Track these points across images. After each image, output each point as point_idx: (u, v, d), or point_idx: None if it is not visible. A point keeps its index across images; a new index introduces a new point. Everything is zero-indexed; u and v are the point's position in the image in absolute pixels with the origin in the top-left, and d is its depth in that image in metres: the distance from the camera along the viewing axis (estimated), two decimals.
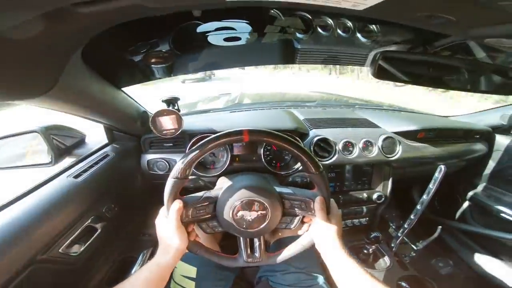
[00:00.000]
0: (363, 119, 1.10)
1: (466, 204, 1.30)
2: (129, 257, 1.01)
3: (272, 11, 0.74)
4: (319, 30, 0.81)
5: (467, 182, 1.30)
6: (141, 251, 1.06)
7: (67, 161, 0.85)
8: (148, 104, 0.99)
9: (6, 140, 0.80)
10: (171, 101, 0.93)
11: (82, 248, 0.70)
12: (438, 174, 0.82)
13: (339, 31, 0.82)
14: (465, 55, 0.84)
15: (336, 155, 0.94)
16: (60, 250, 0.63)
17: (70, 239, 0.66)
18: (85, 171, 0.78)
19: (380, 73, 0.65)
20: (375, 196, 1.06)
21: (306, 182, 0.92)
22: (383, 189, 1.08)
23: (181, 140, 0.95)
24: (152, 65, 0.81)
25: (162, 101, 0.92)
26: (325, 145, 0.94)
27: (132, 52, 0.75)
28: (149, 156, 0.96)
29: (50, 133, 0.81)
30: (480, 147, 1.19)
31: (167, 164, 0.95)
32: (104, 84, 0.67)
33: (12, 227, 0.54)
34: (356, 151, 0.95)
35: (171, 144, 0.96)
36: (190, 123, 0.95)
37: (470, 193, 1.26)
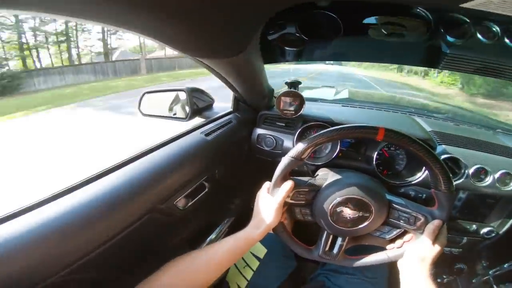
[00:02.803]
0: (507, 147, 0.92)
1: None
2: (214, 221, 1.07)
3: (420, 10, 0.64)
4: (479, 36, 0.69)
5: None
6: (225, 218, 1.11)
7: (197, 120, 0.98)
8: None
9: (159, 94, 0.96)
10: (293, 84, 0.95)
11: (189, 204, 0.73)
12: None
13: (506, 40, 0.67)
14: None
15: (463, 179, 0.84)
16: (174, 202, 0.66)
17: (185, 193, 0.70)
18: (214, 131, 0.86)
19: None
20: (485, 230, 0.94)
21: (420, 197, 0.86)
22: (498, 225, 0.94)
23: (293, 122, 0.98)
24: (289, 47, 0.82)
25: (285, 83, 0.94)
26: (452, 165, 0.84)
27: (280, 32, 0.77)
28: (260, 131, 1.02)
29: (192, 94, 0.93)
30: None
31: (274, 141, 1.00)
32: (261, 58, 0.70)
33: (150, 173, 0.59)
34: (489, 181, 0.83)
35: (283, 124, 1.00)
36: (306, 109, 0.96)
37: None
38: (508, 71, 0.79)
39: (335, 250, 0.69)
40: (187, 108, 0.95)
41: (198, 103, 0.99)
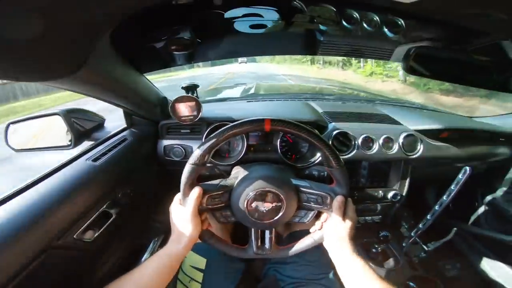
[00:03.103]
0: (384, 115, 1.06)
1: (482, 208, 1.27)
2: (140, 244, 1.02)
3: (296, 2, 0.71)
4: (344, 23, 0.79)
5: (486, 185, 1.26)
6: (152, 238, 1.06)
7: (86, 144, 0.86)
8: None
9: (29, 122, 0.81)
10: (190, 88, 0.92)
11: (96, 234, 0.68)
12: (462, 176, 0.80)
13: (365, 25, 0.79)
14: (504, 55, 0.79)
15: (355, 150, 0.92)
16: (74, 236, 0.62)
17: (85, 224, 0.65)
18: (103, 154, 0.78)
19: (413, 69, 0.63)
20: (390, 194, 1.04)
21: (323, 176, 0.90)
22: (399, 187, 1.06)
23: (198, 127, 0.95)
24: (173, 52, 0.80)
25: (182, 87, 0.91)
26: (344, 139, 0.92)
27: (154, 38, 0.74)
28: (166, 142, 0.96)
29: (71, 116, 0.81)
30: (504, 150, 1.14)
31: (183, 150, 0.95)
32: (128, 69, 0.67)
33: (31, 211, 0.54)
34: (375, 147, 0.93)
35: (188, 131, 0.96)
36: (208, 111, 0.94)
37: (488, 197, 1.23)
38: (370, 51, 0.92)
39: (267, 244, 0.68)
40: (70, 134, 0.82)
41: (85, 124, 0.87)
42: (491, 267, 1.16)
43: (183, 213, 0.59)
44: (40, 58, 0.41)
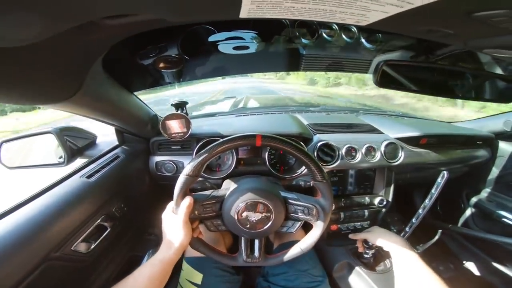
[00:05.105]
0: (366, 125, 1.11)
1: (468, 209, 1.31)
2: (136, 256, 1.03)
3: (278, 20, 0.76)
4: (325, 36, 0.84)
5: (470, 187, 1.31)
6: (147, 250, 1.08)
7: (79, 161, 0.89)
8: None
9: (21, 141, 0.84)
10: (180, 105, 0.95)
11: (93, 246, 0.72)
12: (441, 180, 0.84)
13: (344, 37, 0.84)
14: (468, 63, 0.86)
15: (339, 160, 0.96)
16: (72, 248, 0.65)
17: (82, 237, 0.68)
18: (97, 171, 0.81)
19: (383, 82, 0.67)
20: (377, 200, 1.08)
21: (309, 186, 0.93)
22: (385, 193, 1.10)
23: (188, 143, 0.98)
24: (162, 70, 0.85)
25: (171, 105, 0.95)
26: (328, 150, 0.96)
27: (142, 57, 0.79)
28: (157, 158, 0.99)
29: (64, 134, 0.84)
30: (482, 153, 1.20)
31: (174, 166, 0.98)
32: (119, 89, 0.70)
33: (28, 225, 0.56)
34: (358, 156, 0.97)
35: (179, 147, 0.99)
36: (198, 126, 0.98)
37: (473, 199, 1.27)
38: (350, 64, 0.98)
39: (256, 253, 0.71)
40: (63, 151, 0.85)
41: (77, 142, 0.90)
42: (482, 266, 1.20)
43: (174, 220, 0.62)
44: (39, 85, 0.44)
